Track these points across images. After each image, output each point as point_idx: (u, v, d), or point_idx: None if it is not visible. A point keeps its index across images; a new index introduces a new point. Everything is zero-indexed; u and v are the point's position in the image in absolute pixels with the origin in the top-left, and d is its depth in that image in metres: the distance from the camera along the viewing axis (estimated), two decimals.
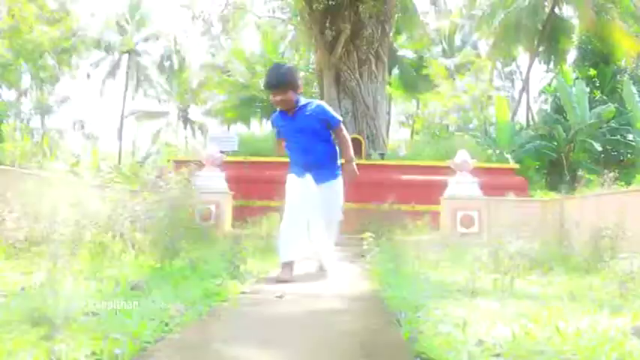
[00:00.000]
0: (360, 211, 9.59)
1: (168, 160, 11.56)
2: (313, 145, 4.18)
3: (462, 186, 8.47)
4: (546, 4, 22.99)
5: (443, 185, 9.23)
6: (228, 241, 6.97)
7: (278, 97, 4.03)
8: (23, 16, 16.53)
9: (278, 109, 4.20)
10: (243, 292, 3.37)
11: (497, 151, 17.03)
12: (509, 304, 2.86)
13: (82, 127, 19.93)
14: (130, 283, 3.41)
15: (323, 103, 4.44)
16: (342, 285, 3.86)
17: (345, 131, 4.32)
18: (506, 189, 10.09)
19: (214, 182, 8.31)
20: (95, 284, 3.41)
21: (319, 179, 4.20)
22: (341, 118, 4.41)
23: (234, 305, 2.84)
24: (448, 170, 9.22)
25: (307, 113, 4.12)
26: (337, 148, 4.37)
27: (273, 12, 15.85)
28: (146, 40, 31.69)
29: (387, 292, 3.42)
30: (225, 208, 8.38)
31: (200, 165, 8.61)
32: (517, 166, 12.93)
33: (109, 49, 27.91)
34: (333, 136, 4.36)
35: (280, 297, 3.19)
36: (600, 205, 7.13)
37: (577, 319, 2.50)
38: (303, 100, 4.20)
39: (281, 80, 4.05)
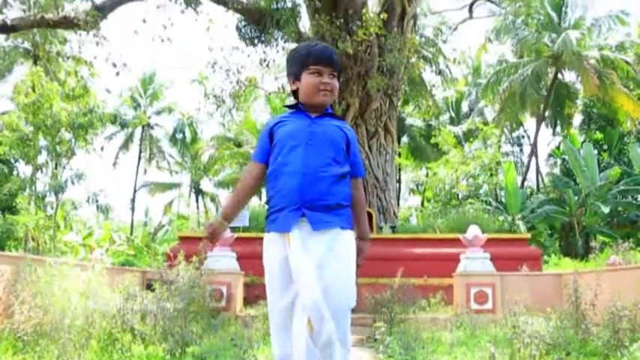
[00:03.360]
0: (370, 286, 9.50)
1: (180, 238, 11.59)
2: (325, 165, 2.47)
3: (474, 262, 8.40)
4: (549, 70, 23.50)
5: (455, 258, 9.17)
6: (239, 325, 6.90)
7: (328, 80, 2.59)
8: (46, 93, 17.13)
9: (289, 111, 2.71)
10: None
11: (510, 218, 16.94)
12: None
13: (97, 200, 20.15)
14: None
15: None
16: None
17: (362, 189, 2.79)
18: (519, 260, 10.01)
19: (225, 263, 8.31)
20: None
21: (318, 223, 2.39)
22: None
23: None
24: (459, 243, 9.17)
25: (334, 123, 2.64)
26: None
27: (283, 88, 16.30)
28: (159, 113, 32.59)
29: None
30: (236, 289, 8.33)
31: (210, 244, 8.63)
32: (529, 235, 12.84)
33: (124, 124, 28.70)
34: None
35: None
36: (616, 280, 7.01)
37: None
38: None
39: (338, 62, 2.72)
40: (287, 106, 2.70)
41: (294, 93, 2.66)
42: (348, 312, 2.39)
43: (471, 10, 21.46)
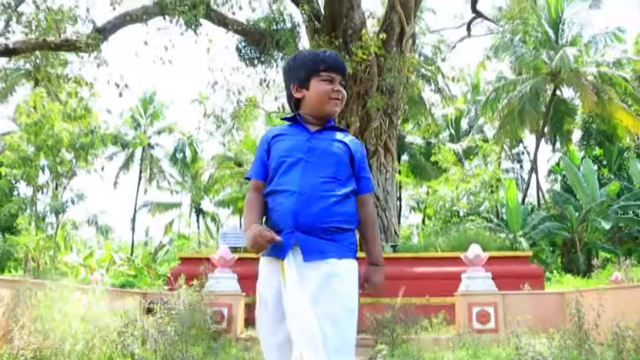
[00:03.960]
0: (372, 306, 9.43)
1: (181, 258, 11.56)
2: (323, 183, 2.23)
3: (476, 281, 8.37)
4: (548, 87, 23.63)
5: (456, 276, 9.13)
6: (240, 348, 6.86)
7: (338, 88, 2.40)
8: (48, 113, 17.21)
9: (287, 124, 2.46)
10: None
11: (511, 235, 16.90)
12: None
13: (96, 222, 20.17)
14: None
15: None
16: None
17: (372, 207, 2.47)
18: (520, 278, 9.95)
19: (226, 284, 8.29)
20: None
21: (311, 253, 2.14)
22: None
23: None
24: (461, 261, 9.14)
25: (336, 137, 2.39)
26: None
27: (283, 108, 16.40)
28: (159, 133, 32.71)
29: None
30: (237, 310, 8.29)
31: (211, 265, 8.61)
32: (530, 253, 12.79)
33: (124, 144, 28.83)
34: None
35: None
36: (619, 299, 6.97)
37: None
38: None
39: (347, 70, 2.55)
40: (285, 119, 2.48)
41: (297, 102, 2.43)
42: (350, 350, 2.10)
43: (469, 29, 21.64)
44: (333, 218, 2.17)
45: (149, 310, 6.30)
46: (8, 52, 13.70)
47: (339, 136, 2.38)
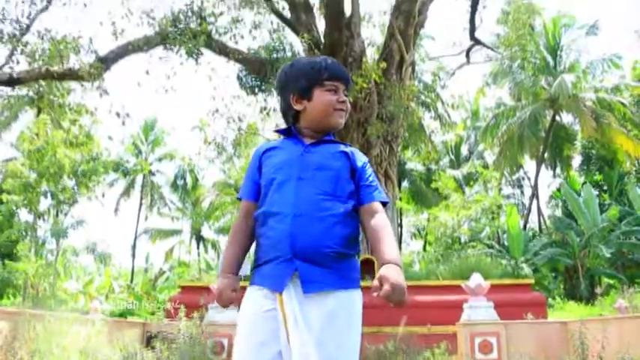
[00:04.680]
0: (373, 335, 9.33)
1: (181, 287, 11.49)
2: (321, 201, 1.99)
3: (478, 311, 8.31)
4: (547, 113, 23.78)
5: (458, 305, 9.05)
6: None
7: (344, 99, 2.23)
8: (51, 140, 17.28)
9: (281, 136, 2.24)
10: None
11: (513, 262, 16.83)
12: None
13: (94, 251, 20.17)
14: None
15: None
16: None
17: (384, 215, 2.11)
18: (523, 306, 9.87)
19: (226, 314, 8.19)
20: None
21: (311, 283, 1.91)
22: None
23: None
24: (462, 290, 9.08)
25: (333, 149, 2.15)
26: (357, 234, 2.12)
27: None
28: (160, 160, 32.82)
29: None
30: None
31: (211, 294, 8.56)
32: (532, 280, 12.72)
33: (126, 172, 28.91)
34: (359, 218, 2.09)
35: None
36: (624, 329, 6.90)
37: None
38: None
39: (350, 80, 2.36)
40: (278, 131, 2.24)
41: (295, 114, 2.19)
42: None
43: (467, 56, 21.84)
44: (334, 242, 1.94)
45: (148, 341, 6.25)
46: (12, 81, 13.86)
47: (337, 147, 2.15)
